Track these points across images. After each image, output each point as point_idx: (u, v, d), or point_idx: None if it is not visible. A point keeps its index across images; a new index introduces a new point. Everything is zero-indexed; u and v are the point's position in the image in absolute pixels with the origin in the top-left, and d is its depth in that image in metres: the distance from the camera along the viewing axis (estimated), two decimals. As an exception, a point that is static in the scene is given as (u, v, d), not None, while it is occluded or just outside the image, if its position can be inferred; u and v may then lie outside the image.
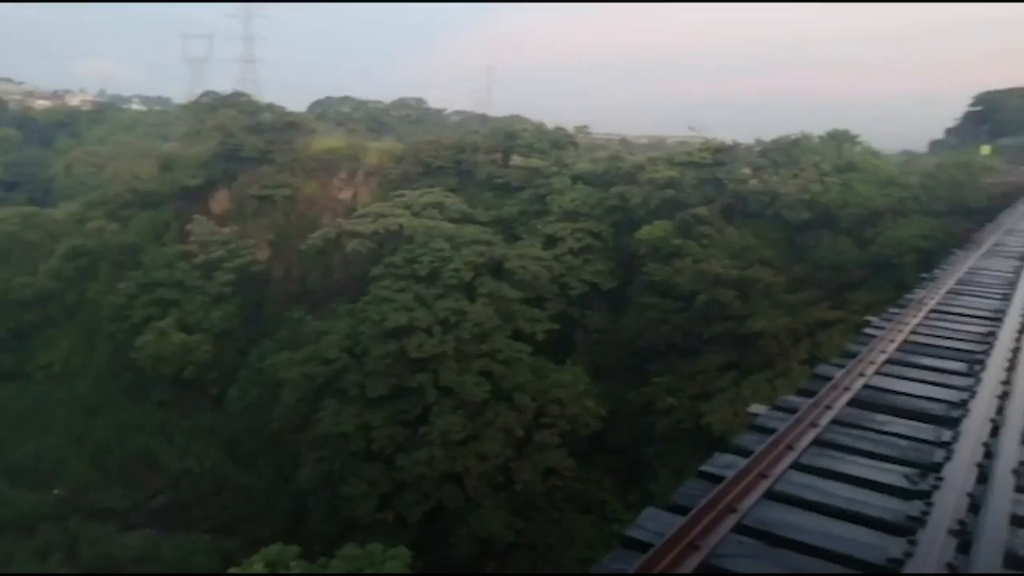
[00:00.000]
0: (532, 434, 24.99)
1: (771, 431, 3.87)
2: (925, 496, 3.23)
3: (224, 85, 70.48)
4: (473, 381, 24.63)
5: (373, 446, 24.04)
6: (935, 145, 47.53)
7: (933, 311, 7.93)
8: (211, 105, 43.45)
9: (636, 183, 31.54)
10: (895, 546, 2.81)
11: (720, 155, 30.84)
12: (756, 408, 4.59)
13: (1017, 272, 10.70)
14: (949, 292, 9.13)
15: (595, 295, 30.66)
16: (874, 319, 7.49)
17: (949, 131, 50.47)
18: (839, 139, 28.85)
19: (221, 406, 30.44)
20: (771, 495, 3.23)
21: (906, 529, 2.90)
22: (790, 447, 3.75)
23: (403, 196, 31.66)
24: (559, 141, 37.44)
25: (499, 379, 25.36)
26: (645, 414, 27.49)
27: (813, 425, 4.16)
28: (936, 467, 3.58)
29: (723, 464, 3.47)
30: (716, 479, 3.20)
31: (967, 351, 6.27)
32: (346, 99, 69.13)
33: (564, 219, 31.39)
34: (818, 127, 30.93)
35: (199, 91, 57.07)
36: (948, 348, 6.41)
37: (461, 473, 23.50)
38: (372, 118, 61.58)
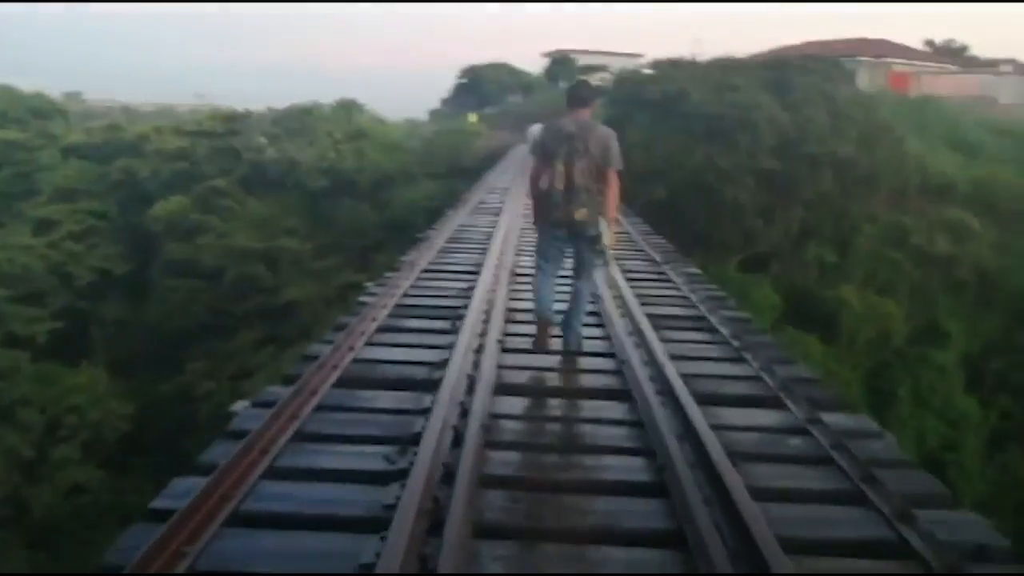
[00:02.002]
0: (47, 451, 21.83)
1: (244, 434, 3.43)
2: (403, 476, 3.09)
3: None
4: (-49, 406, 20.17)
5: None
6: (433, 114, 52.24)
7: (425, 271, 8.25)
8: None
9: (143, 155, 28.82)
10: (368, 547, 2.57)
11: (233, 124, 29.60)
12: (237, 406, 4.13)
13: (495, 226, 11.63)
14: (439, 251, 9.56)
15: (108, 283, 27.39)
16: (369, 285, 7.57)
17: (444, 101, 55.89)
18: (348, 108, 29.74)
19: None
20: (234, 519, 2.79)
21: (382, 522, 2.70)
22: (264, 451, 3.34)
23: None
24: (41, 109, 32.19)
25: (-9, 396, 21.25)
26: (184, 403, 25.73)
27: (294, 418, 3.83)
28: (416, 439, 3.49)
29: (180, 492, 2.92)
30: (164, 516, 2.63)
31: (451, 308, 6.53)
32: None
33: (59, 199, 27.38)
34: (323, 96, 31.37)
35: None
36: (435, 307, 6.68)
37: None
38: None
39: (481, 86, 53.25)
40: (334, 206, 27.88)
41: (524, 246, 9.87)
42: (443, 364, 4.74)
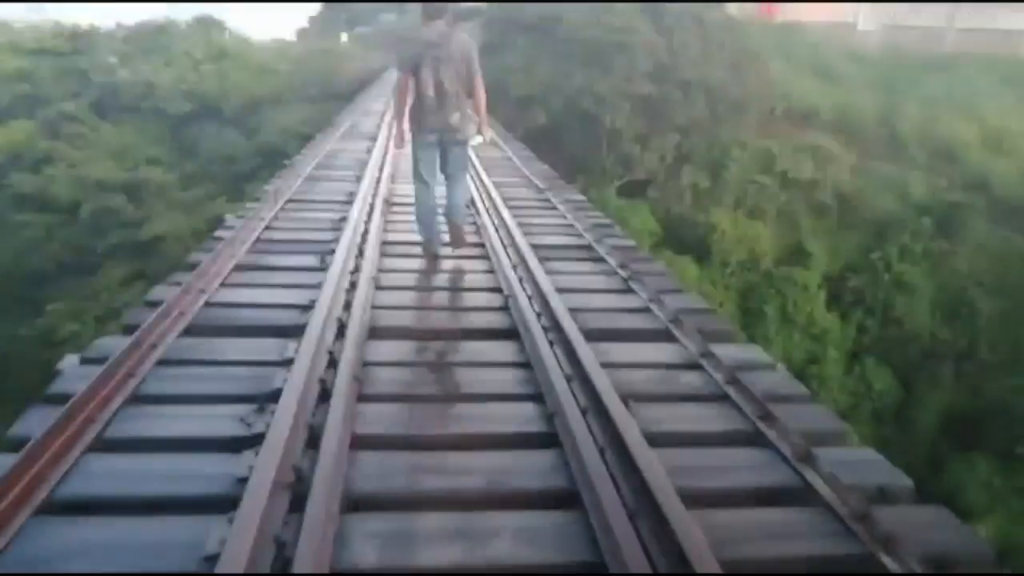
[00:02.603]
0: None
1: (67, 397, 2.91)
2: (259, 441, 2.69)
3: None
4: None
5: None
6: (301, 33, 49.24)
7: (290, 201, 7.67)
8: None
9: (-25, 77, 25.89)
10: (214, 532, 2.18)
11: (78, 42, 26.87)
12: (65, 362, 3.55)
13: (368, 152, 10.97)
14: (307, 179, 8.92)
15: (-53, 219, 24.76)
16: (228, 217, 6.92)
17: (312, 19, 52.72)
18: (207, 25, 27.52)
19: None
20: (49, 506, 2.33)
21: (232, 501, 2.30)
22: (90, 419, 2.85)
23: None
24: None
25: None
26: (46, 348, 23.87)
27: (129, 376, 3.31)
28: (276, 396, 3.08)
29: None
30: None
31: (320, 242, 6.05)
32: None
33: None
34: (180, 14, 28.89)
35: None
36: (302, 242, 6.16)
37: None
38: None
39: (351, 3, 50.61)
40: (199, 132, 26.06)
41: (399, 174, 9.38)
42: (309, 306, 4.29)
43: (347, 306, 4.39)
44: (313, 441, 2.79)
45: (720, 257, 21.61)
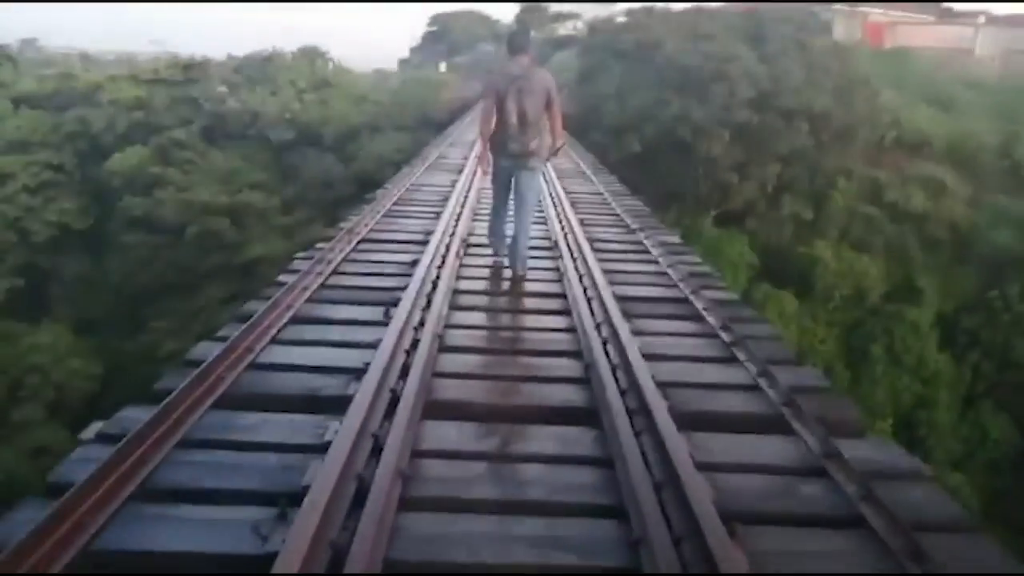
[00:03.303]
0: (8, 413, 20.91)
1: (64, 488, 2.48)
2: (269, 561, 2.20)
3: None
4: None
5: None
6: (402, 63, 50.27)
7: (364, 240, 7.26)
8: None
9: (98, 105, 27.32)
10: None
11: (191, 72, 28.04)
12: (89, 431, 3.17)
13: (452, 185, 10.51)
14: (386, 215, 8.49)
15: (68, 238, 26.17)
16: (297, 258, 6.54)
17: (413, 50, 53.83)
18: (311, 56, 28.27)
19: None
20: None
21: None
22: (77, 525, 2.41)
23: None
24: (-14, 57, 30.41)
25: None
26: (148, 363, 24.74)
27: (141, 463, 2.87)
28: (302, 497, 2.57)
29: None
30: None
31: (388, 289, 5.53)
32: None
33: (12, 151, 25.84)
34: (290, 46, 29.79)
35: None
36: (370, 289, 5.65)
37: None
38: None
39: (451, 34, 51.41)
40: (300, 159, 26.75)
41: (481, 209, 8.83)
42: (363, 370, 3.75)
43: (404, 372, 3.86)
44: (337, 561, 2.29)
45: (823, 291, 20.47)
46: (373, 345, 4.16)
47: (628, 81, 21.72)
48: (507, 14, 54.81)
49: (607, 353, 4.27)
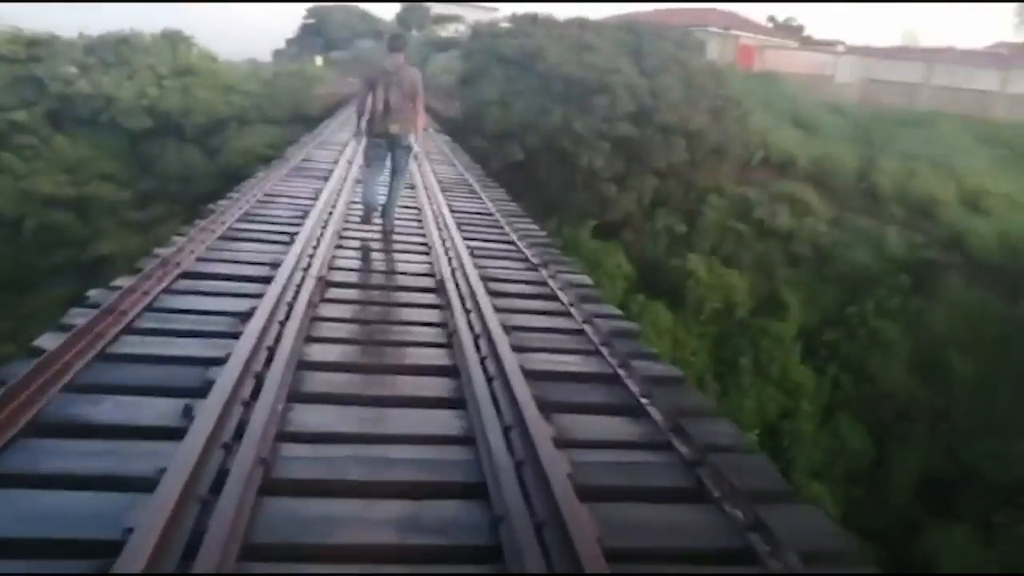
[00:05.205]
0: None
1: None
2: None
3: None
4: None
5: None
6: (278, 55, 48.49)
7: (185, 275, 5.68)
8: None
9: (-79, 80, 24.65)
10: None
11: (35, 49, 25.73)
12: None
13: (316, 197, 8.93)
14: (222, 237, 6.94)
15: None
16: (92, 294, 5.11)
17: (289, 41, 52.05)
18: (173, 39, 26.52)
19: None
20: None
21: None
22: None
23: None
24: None
25: None
26: (-23, 368, 22.42)
27: None
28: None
29: None
30: None
31: (201, 361, 4.02)
32: None
33: None
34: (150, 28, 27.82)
35: None
36: (172, 362, 4.06)
37: None
38: None
39: (328, 28, 50.03)
40: (158, 149, 25.03)
41: (347, 231, 7.63)
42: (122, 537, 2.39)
43: (195, 539, 2.46)
44: None
45: (695, 304, 21.07)
46: (147, 484, 2.66)
47: (511, 88, 21.67)
48: (388, 12, 53.86)
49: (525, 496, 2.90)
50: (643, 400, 4.03)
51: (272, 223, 7.75)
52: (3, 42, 26.07)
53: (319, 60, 38.10)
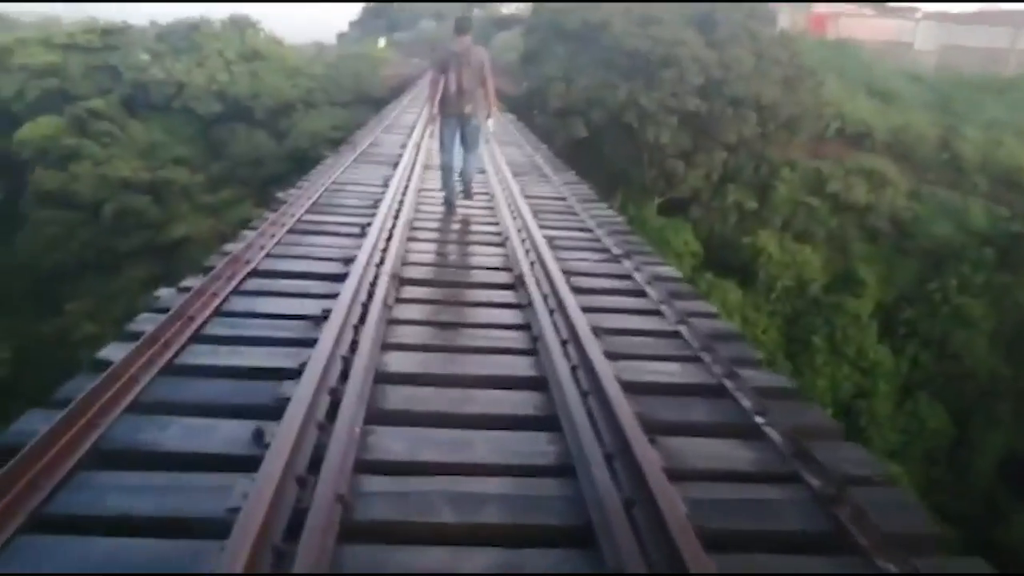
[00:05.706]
0: None
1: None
2: None
3: None
4: None
5: None
6: (342, 37, 48.91)
7: (254, 274, 5.43)
8: None
9: (7, 70, 25.58)
10: None
11: (110, 38, 26.47)
12: None
13: (386, 185, 8.66)
14: (291, 231, 6.67)
15: (-29, 214, 24.50)
16: (163, 293, 4.95)
17: (352, 24, 52.44)
18: (241, 25, 26.96)
19: None
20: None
21: None
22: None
23: None
24: None
25: None
26: (63, 347, 23.33)
27: None
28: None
29: None
30: None
31: (272, 373, 3.79)
32: None
33: (-92, 118, 24.07)
34: (217, 13, 28.34)
35: None
36: (238, 376, 3.80)
37: None
38: None
39: (390, 10, 50.20)
40: (228, 134, 25.54)
41: (421, 220, 7.44)
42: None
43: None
44: None
45: (766, 282, 20.54)
46: (213, 531, 2.46)
47: (574, 63, 21.29)
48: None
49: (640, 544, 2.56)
50: (758, 418, 3.61)
51: (342, 214, 7.48)
52: (80, 32, 26.91)
53: (382, 42, 38.28)
